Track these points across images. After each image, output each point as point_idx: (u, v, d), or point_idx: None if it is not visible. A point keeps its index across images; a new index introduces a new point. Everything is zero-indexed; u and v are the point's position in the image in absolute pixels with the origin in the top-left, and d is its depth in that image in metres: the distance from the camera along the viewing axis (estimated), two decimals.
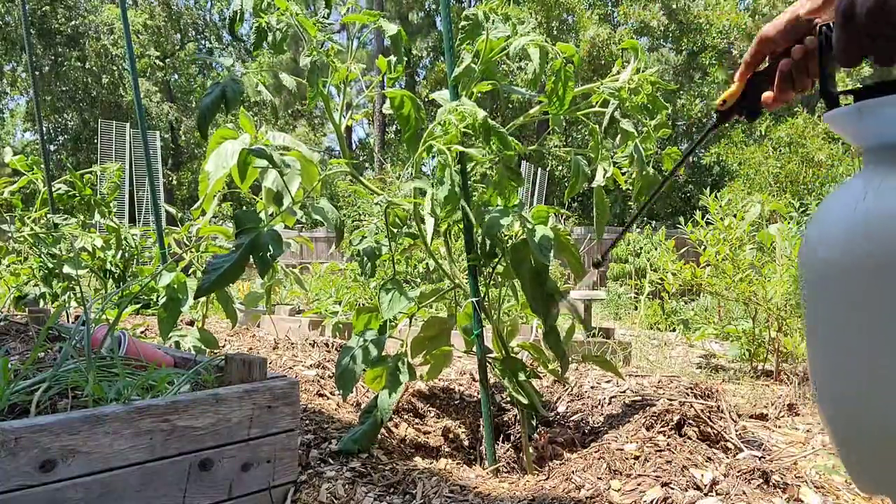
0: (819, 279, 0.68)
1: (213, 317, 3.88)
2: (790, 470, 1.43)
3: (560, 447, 1.71)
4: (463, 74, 1.56)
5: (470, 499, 1.33)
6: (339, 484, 1.32)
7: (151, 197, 2.96)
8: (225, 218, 9.72)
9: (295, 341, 2.84)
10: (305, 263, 8.47)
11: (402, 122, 1.62)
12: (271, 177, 1.58)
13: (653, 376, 2.20)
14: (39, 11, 18.37)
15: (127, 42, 2.69)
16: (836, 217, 0.67)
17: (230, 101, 1.34)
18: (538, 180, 11.67)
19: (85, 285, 4.20)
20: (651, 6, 16.66)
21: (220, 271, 1.25)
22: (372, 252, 1.72)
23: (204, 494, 1.02)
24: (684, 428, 1.64)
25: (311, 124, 24.65)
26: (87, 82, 19.56)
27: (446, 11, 1.62)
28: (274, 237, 1.31)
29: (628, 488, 1.32)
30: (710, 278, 3.05)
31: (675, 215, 14.48)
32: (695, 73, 17.74)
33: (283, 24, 1.49)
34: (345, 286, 5.20)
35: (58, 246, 3.38)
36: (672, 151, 1.77)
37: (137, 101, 2.79)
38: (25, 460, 0.84)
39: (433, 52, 21.50)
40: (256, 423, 1.09)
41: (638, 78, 1.64)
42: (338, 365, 1.56)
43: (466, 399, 2.13)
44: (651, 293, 7.04)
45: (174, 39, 22.94)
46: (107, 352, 1.25)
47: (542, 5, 16.14)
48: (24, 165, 3.69)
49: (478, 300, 1.59)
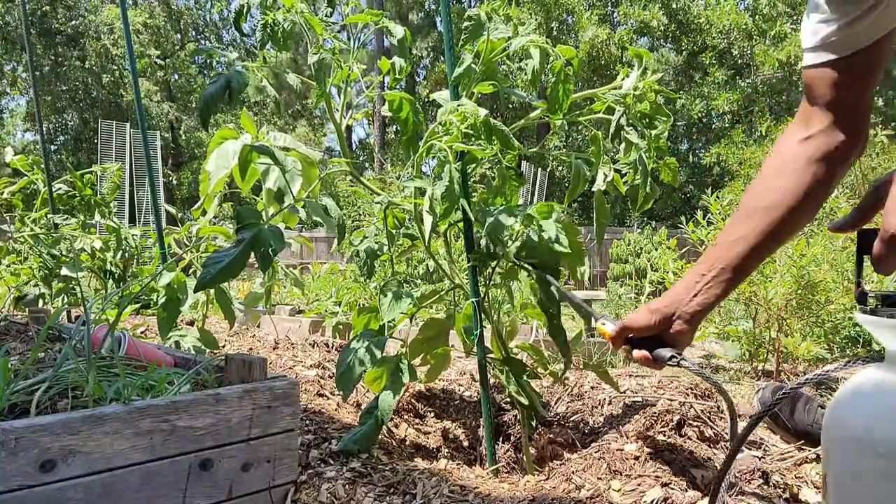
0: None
1: (213, 317, 3.88)
2: (790, 470, 1.43)
3: (560, 447, 1.70)
4: (464, 75, 1.56)
5: (470, 499, 1.33)
6: (340, 484, 1.32)
7: (151, 197, 2.96)
8: (225, 218, 9.72)
9: (295, 341, 2.84)
10: (305, 264, 8.47)
11: (400, 124, 1.62)
12: (272, 177, 1.58)
13: (653, 376, 2.20)
14: (39, 11, 18.37)
15: (127, 42, 2.69)
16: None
17: (234, 91, 1.33)
18: (538, 181, 11.67)
19: (85, 285, 4.20)
20: (651, 6, 16.66)
21: (221, 265, 1.24)
22: (372, 252, 1.72)
23: (204, 494, 1.02)
24: (684, 428, 1.64)
25: (311, 124, 24.66)
26: (87, 82, 19.57)
27: (446, 12, 1.62)
28: (275, 233, 1.31)
29: (628, 488, 1.32)
30: None
31: (676, 215, 14.48)
32: (695, 73, 17.74)
33: (289, 21, 1.49)
34: (345, 287, 5.20)
35: (58, 246, 3.38)
36: (670, 162, 1.76)
37: (137, 101, 2.79)
38: (25, 460, 0.84)
39: (433, 52, 21.50)
40: (256, 424, 1.09)
41: (643, 85, 1.64)
42: (338, 365, 1.56)
43: (466, 399, 2.12)
44: (651, 293, 7.04)
45: (174, 39, 22.94)
46: (107, 352, 1.25)
47: (541, 6, 16.14)
48: (24, 165, 3.69)
49: (478, 300, 1.59)
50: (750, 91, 16.34)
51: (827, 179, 1.02)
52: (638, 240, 8.39)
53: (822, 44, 0.98)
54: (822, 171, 1.01)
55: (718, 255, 1.05)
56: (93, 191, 3.94)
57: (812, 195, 1.02)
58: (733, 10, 16.21)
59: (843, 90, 0.99)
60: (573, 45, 15.86)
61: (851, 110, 1.02)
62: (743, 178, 9.22)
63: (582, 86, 14.28)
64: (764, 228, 1.02)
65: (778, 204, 1.02)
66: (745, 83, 16.50)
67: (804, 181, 1.01)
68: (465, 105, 1.45)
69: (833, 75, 0.99)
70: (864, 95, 1.02)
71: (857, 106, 1.02)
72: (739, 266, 1.04)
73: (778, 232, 1.03)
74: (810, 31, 1.00)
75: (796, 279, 2.77)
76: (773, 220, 1.02)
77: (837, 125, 1.01)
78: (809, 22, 1.00)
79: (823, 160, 1.01)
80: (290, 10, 1.50)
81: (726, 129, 17.03)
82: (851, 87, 0.99)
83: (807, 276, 2.77)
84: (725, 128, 17.52)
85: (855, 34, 0.94)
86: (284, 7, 1.49)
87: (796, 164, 1.02)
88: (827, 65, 0.98)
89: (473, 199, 1.64)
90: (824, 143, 1.02)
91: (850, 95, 1.00)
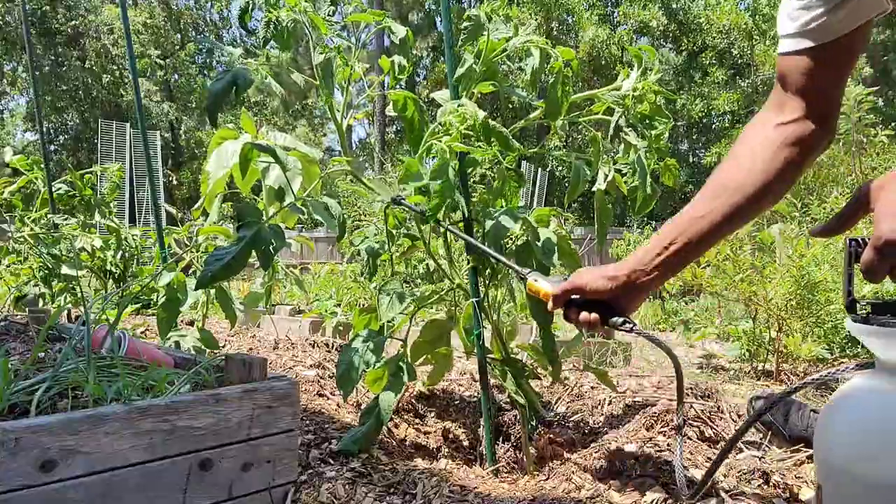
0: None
1: (213, 317, 3.88)
2: (790, 470, 1.43)
3: (560, 447, 1.70)
4: (464, 75, 1.56)
5: (470, 499, 1.33)
6: (340, 484, 1.32)
7: (151, 197, 2.96)
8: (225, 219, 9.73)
9: (295, 342, 2.84)
10: (306, 264, 8.47)
11: (406, 123, 1.62)
12: (273, 175, 1.58)
13: (653, 377, 2.21)
14: (39, 11, 18.37)
15: (127, 42, 2.69)
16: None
17: (241, 88, 1.33)
18: (539, 181, 11.67)
19: (85, 285, 4.20)
20: (651, 6, 16.66)
21: (222, 263, 1.24)
22: (374, 251, 1.72)
23: (204, 494, 1.02)
24: (684, 428, 1.64)
25: (311, 124, 24.66)
26: (87, 82, 19.57)
27: (446, 12, 1.62)
28: (276, 231, 1.31)
29: (629, 488, 1.32)
30: (710, 278, 3.05)
31: None
32: (695, 73, 17.74)
33: (292, 20, 1.49)
34: (345, 287, 5.21)
35: (58, 246, 3.38)
36: (671, 163, 1.76)
37: (137, 101, 2.79)
38: (25, 460, 0.84)
39: (433, 52, 21.50)
40: (257, 424, 1.09)
41: (643, 86, 1.64)
42: (338, 365, 1.56)
43: (466, 399, 2.12)
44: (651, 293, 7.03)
45: (174, 39, 22.94)
46: (107, 352, 1.25)
47: (541, 6, 16.14)
48: (24, 165, 3.69)
49: (478, 300, 1.59)
50: (750, 91, 16.34)
51: (797, 165, 1.04)
52: (638, 240, 8.39)
53: (800, 31, 0.98)
54: (795, 155, 1.03)
55: (683, 229, 1.06)
56: (93, 191, 3.94)
57: (782, 179, 1.04)
58: (733, 10, 16.22)
59: (819, 80, 1.00)
60: (573, 45, 15.86)
61: (824, 101, 1.03)
62: None
63: (582, 86, 14.28)
64: (730, 208, 1.04)
65: (748, 185, 1.03)
66: (745, 83, 16.51)
67: (776, 165, 1.03)
68: (464, 106, 1.45)
69: (810, 64, 0.99)
70: (838, 86, 1.04)
71: (831, 97, 1.03)
72: (702, 241, 1.06)
73: (743, 212, 1.05)
74: (788, 18, 1.00)
75: (796, 279, 2.77)
76: (739, 200, 1.03)
77: (810, 115, 1.02)
78: (788, 8, 1.00)
79: (796, 146, 1.03)
80: (293, 9, 1.49)
81: (726, 129, 17.04)
82: (826, 77, 1.00)
83: (807, 276, 2.77)
84: (725, 128, 17.52)
85: (834, 22, 0.95)
86: (288, 5, 1.49)
87: (770, 148, 1.03)
88: (804, 52, 0.99)
89: (474, 200, 1.64)
90: (798, 130, 1.03)
91: (824, 85, 1.01)
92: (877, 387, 0.76)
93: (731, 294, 3.06)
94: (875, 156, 5.99)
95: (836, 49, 0.97)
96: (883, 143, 5.53)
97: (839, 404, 0.79)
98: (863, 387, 0.78)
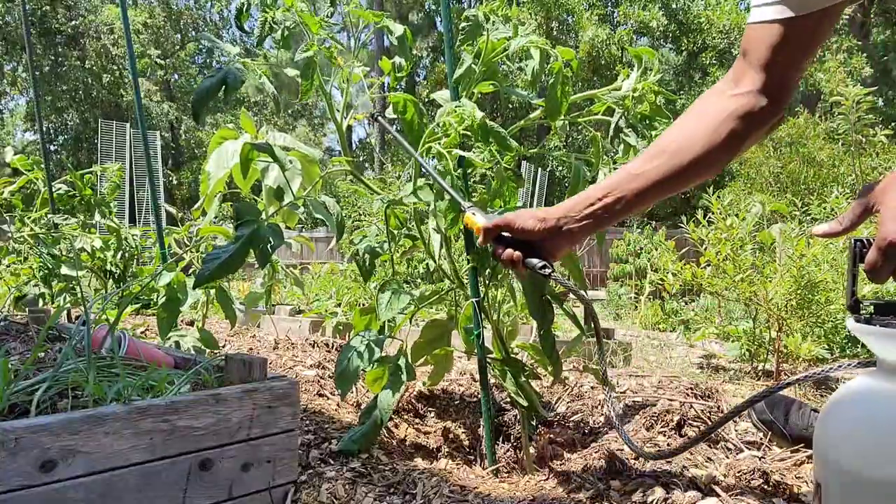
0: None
1: (213, 317, 3.88)
2: (790, 470, 1.43)
3: (560, 447, 1.70)
4: (464, 75, 1.56)
5: (470, 499, 1.33)
6: (340, 484, 1.32)
7: (151, 197, 2.96)
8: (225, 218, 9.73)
9: (295, 341, 2.84)
10: (306, 264, 8.47)
11: (405, 126, 1.62)
12: (273, 175, 1.58)
13: (653, 377, 2.20)
14: (39, 11, 18.37)
15: (127, 42, 2.69)
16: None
17: (230, 87, 1.32)
18: (538, 181, 11.68)
19: (85, 285, 4.20)
20: (651, 6, 16.66)
21: (220, 261, 1.24)
22: (373, 251, 1.72)
23: (204, 494, 1.02)
24: (684, 428, 1.64)
25: (310, 124, 24.66)
26: (87, 82, 19.57)
27: (446, 12, 1.62)
28: (274, 229, 1.31)
29: (629, 488, 1.32)
30: (710, 278, 3.05)
31: (676, 215, 14.46)
32: (695, 73, 17.73)
33: (290, 20, 1.49)
34: (345, 287, 5.21)
35: (58, 246, 3.38)
36: None
37: (137, 101, 2.79)
38: (25, 460, 0.84)
39: (433, 52, 21.50)
40: (257, 424, 1.09)
41: (643, 86, 1.64)
42: (337, 364, 1.56)
43: (466, 399, 2.12)
44: (651, 293, 7.04)
45: (174, 39, 22.94)
46: (107, 352, 1.25)
47: (541, 6, 16.13)
48: (24, 165, 3.69)
49: (478, 300, 1.59)
50: None
51: (741, 138, 1.04)
52: (638, 239, 8.39)
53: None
54: (741, 128, 1.03)
55: (618, 184, 1.07)
56: (93, 191, 3.94)
57: (724, 149, 1.04)
58: (733, 10, 16.21)
59: (782, 55, 1.00)
60: (573, 45, 15.86)
61: (782, 79, 1.02)
62: (743, 178, 9.22)
63: (582, 86, 14.27)
64: (667, 170, 1.04)
65: (687, 150, 1.04)
66: None
67: (720, 135, 1.03)
68: (463, 106, 1.45)
69: (777, 37, 0.98)
70: (798, 68, 1.03)
71: (788, 77, 1.03)
72: (635, 199, 1.06)
73: (680, 176, 1.05)
74: None
75: (796, 279, 2.77)
76: (677, 164, 1.04)
77: (764, 90, 1.02)
78: None
79: (743, 119, 1.03)
80: (289, 10, 1.49)
81: None
82: (790, 55, 1.00)
83: (807, 276, 2.76)
84: None
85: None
86: (284, 6, 1.49)
87: (717, 117, 1.04)
88: (775, 22, 0.98)
89: (474, 200, 1.64)
90: (749, 104, 1.03)
91: (786, 62, 1.01)
92: (878, 387, 0.76)
93: (731, 294, 3.06)
94: (875, 156, 6.00)
95: (807, 25, 0.96)
96: (882, 143, 5.52)
97: (840, 404, 0.80)
98: (864, 387, 0.78)
